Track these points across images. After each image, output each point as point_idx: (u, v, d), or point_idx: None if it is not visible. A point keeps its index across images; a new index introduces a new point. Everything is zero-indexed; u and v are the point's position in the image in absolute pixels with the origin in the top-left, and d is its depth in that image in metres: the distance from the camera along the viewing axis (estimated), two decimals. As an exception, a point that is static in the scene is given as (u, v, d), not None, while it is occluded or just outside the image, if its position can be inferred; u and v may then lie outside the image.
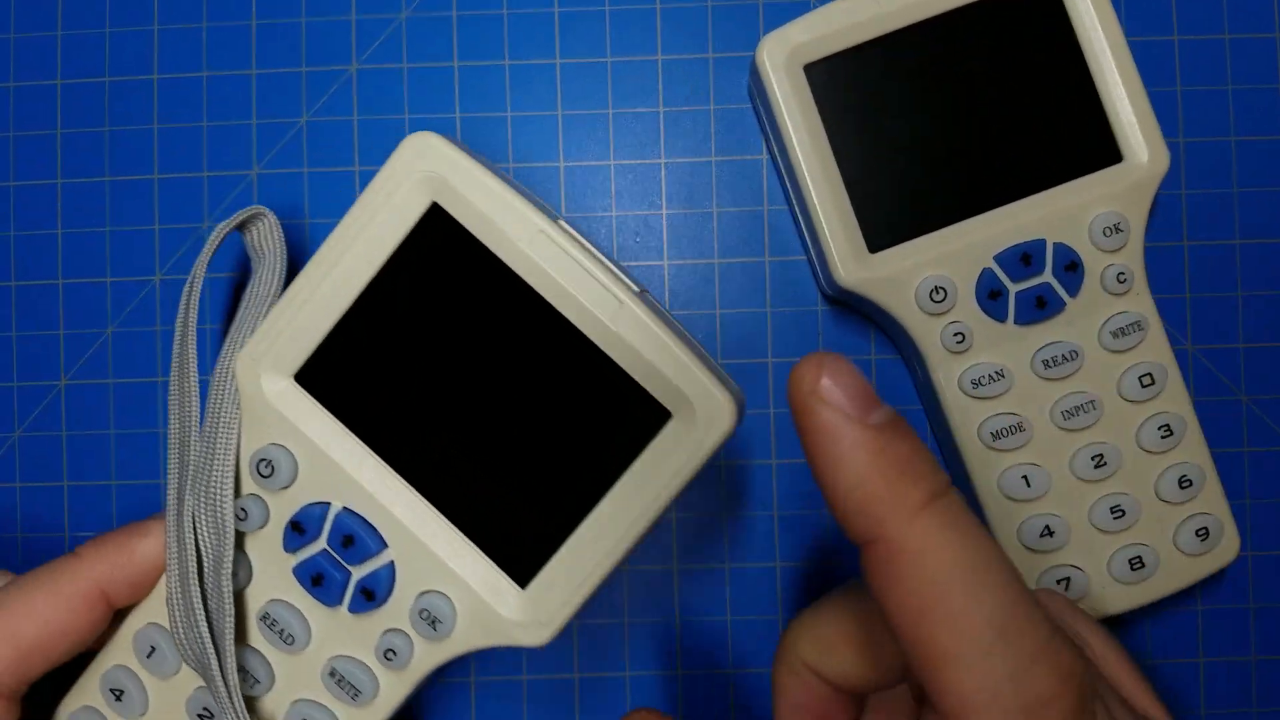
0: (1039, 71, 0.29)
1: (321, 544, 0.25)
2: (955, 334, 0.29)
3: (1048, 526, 0.30)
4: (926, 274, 0.29)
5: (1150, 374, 0.30)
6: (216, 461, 0.25)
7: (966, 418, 0.30)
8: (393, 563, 0.25)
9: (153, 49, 0.33)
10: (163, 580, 0.26)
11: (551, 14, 0.33)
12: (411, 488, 0.25)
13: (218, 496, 0.25)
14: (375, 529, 0.25)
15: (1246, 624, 0.33)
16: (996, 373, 0.30)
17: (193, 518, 0.25)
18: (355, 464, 0.25)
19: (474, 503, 0.25)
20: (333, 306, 0.25)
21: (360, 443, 0.25)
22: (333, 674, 0.26)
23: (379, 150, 0.33)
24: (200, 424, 0.26)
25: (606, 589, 0.33)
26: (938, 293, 0.29)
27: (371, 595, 0.25)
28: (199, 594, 0.25)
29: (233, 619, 0.25)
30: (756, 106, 0.32)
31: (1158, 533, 0.30)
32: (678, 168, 0.33)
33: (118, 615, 0.26)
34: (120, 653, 0.27)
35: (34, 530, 0.33)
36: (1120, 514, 0.30)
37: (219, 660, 0.25)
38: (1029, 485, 0.30)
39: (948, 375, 0.30)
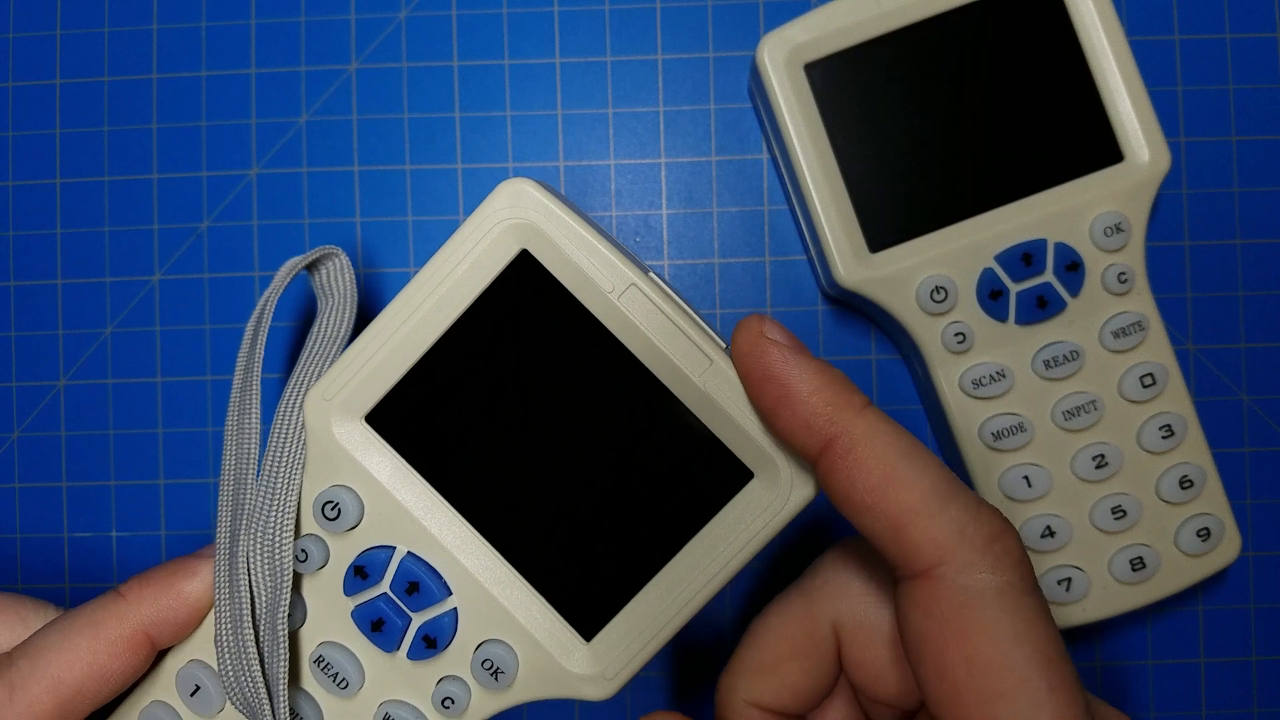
0: (1040, 71, 0.29)
1: (383, 588, 0.24)
2: (956, 334, 0.29)
3: (1049, 527, 0.30)
4: (927, 274, 0.29)
5: (1151, 374, 0.30)
6: (278, 501, 0.24)
7: (967, 418, 0.30)
8: (456, 610, 0.24)
9: (151, 48, 0.33)
10: (209, 618, 0.25)
11: (551, 13, 0.33)
12: (479, 535, 0.25)
13: (277, 537, 0.24)
14: (440, 575, 0.24)
15: (1247, 624, 0.33)
16: (997, 373, 0.30)
17: (247, 558, 0.24)
18: (423, 509, 0.24)
19: (543, 553, 0.24)
20: (412, 349, 0.24)
21: (429, 487, 0.25)
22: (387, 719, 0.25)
23: (378, 151, 0.33)
24: (259, 464, 0.25)
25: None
26: (938, 293, 0.29)
27: (434, 643, 0.24)
28: (252, 635, 0.24)
29: (287, 662, 0.24)
30: (757, 106, 0.32)
31: (1159, 533, 0.30)
32: (678, 167, 0.33)
33: (159, 654, 0.26)
34: (161, 690, 0.26)
35: (32, 531, 0.33)
36: (1121, 514, 0.30)
37: (271, 703, 0.24)
38: (1030, 485, 0.30)
39: (948, 375, 0.30)
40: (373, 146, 0.33)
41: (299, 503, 0.25)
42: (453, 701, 0.24)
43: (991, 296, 0.29)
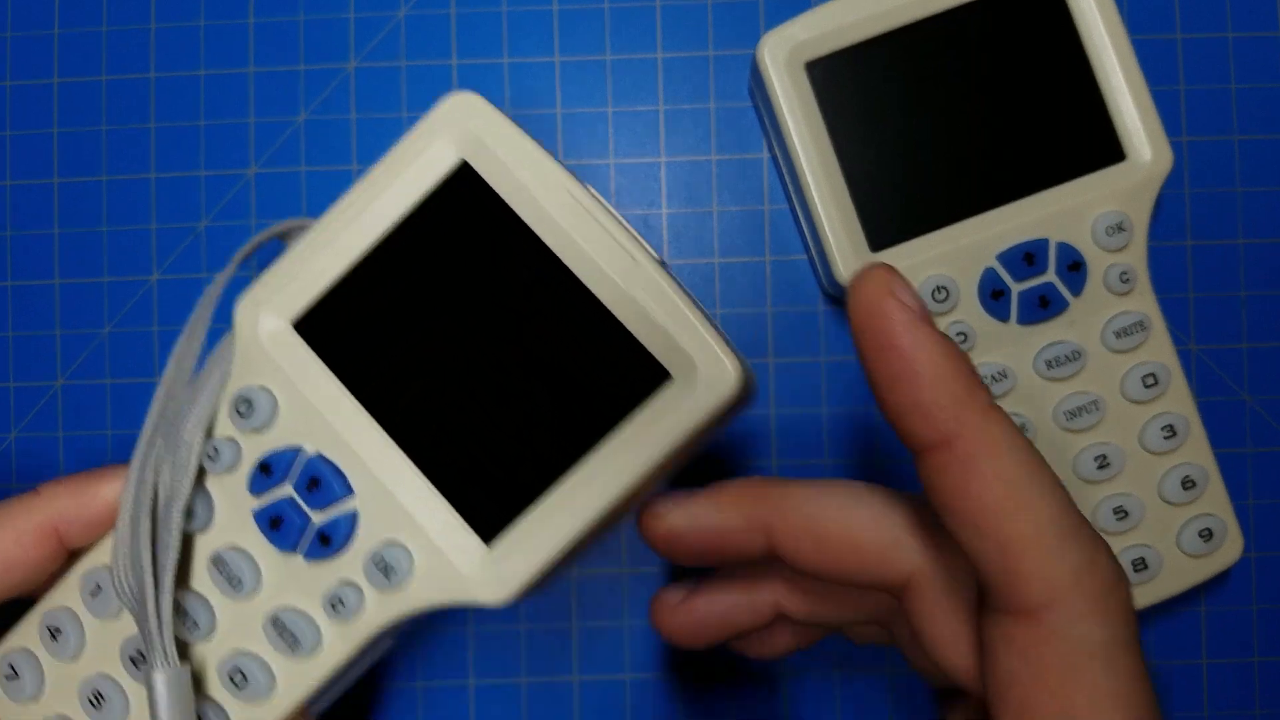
0: (1041, 69, 0.29)
1: (287, 488, 0.24)
2: (957, 333, 0.29)
3: None
4: (928, 273, 0.29)
5: (1153, 374, 0.29)
6: (197, 403, 0.25)
7: None
8: (356, 512, 0.24)
9: (149, 48, 0.33)
10: (118, 518, 0.25)
11: (550, 11, 0.33)
12: (389, 438, 0.24)
13: (185, 433, 0.24)
14: (344, 475, 0.24)
15: (1249, 625, 0.32)
16: (999, 373, 0.29)
17: (158, 458, 0.24)
18: (335, 412, 0.24)
19: (451, 455, 0.24)
20: (342, 257, 0.24)
21: (345, 390, 0.25)
22: (275, 622, 0.25)
23: (377, 150, 0.33)
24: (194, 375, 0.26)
25: (607, 591, 0.33)
26: (940, 292, 0.29)
27: (329, 541, 0.24)
28: (148, 529, 0.24)
29: (177, 554, 0.24)
30: (757, 105, 0.32)
31: (1160, 534, 0.30)
32: (678, 166, 0.33)
33: (72, 559, 0.26)
34: (64, 593, 0.26)
35: (30, 531, 0.33)
36: (1123, 515, 0.30)
37: (155, 594, 0.24)
38: None
39: None
40: (371, 145, 0.33)
41: (214, 406, 0.25)
42: (343, 603, 0.24)
43: (993, 296, 0.29)
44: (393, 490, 0.24)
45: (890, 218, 0.29)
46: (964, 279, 0.29)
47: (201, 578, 0.25)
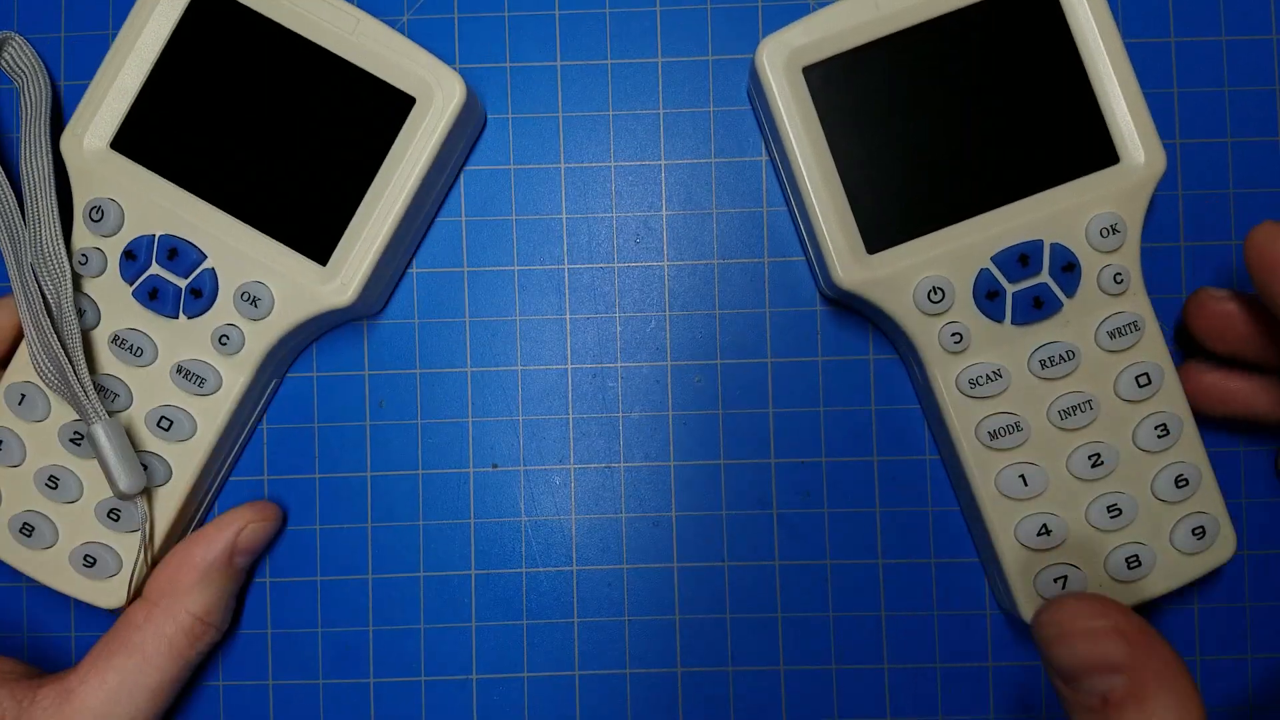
0: (1036, 73, 0.30)
1: (152, 264, 0.30)
2: (953, 334, 0.30)
3: (1045, 525, 0.30)
4: (924, 274, 0.29)
5: (1147, 374, 0.30)
6: (44, 224, 0.30)
7: (964, 417, 0.30)
8: (214, 268, 0.30)
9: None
10: (23, 344, 0.31)
11: (552, 16, 0.33)
12: (218, 209, 0.30)
13: (50, 242, 0.30)
14: (193, 244, 0.30)
15: (1243, 622, 0.33)
16: (994, 372, 0.30)
17: (32, 268, 0.30)
18: (170, 200, 0.30)
19: (271, 208, 0.30)
20: (132, 79, 0.30)
21: (170, 183, 0.30)
22: (179, 370, 0.31)
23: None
24: (23, 210, 0.31)
25: (608, 585, 0.33)
26: (936, 293, 0.29)
27: (199, 293, 0.30)
28: (49, 326, 0.29)
29: (79, 333, 0.30)
30: (756, 109, 0.32)
31: (1154, 532, 0.30)
32: (677, 169, 0.33)
33: None
34: None
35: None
36: (1117, 513, 0.30)
37: (73, 369, 0.29)
38: (1026, 484, 0.30)
39: (946, 375, 0.30)
40: (375, 148, 0.33)
41: (60, 223, 0.30)
42: (228, 339, 0.30)
43: (988, 297, 0.30)
44: (236, 245, 0.30)
45: (887, 220, 0.30)
46: (960, 280, 0.30)
47: (109, 360, 0.31)
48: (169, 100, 0.31)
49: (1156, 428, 0.30)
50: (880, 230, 0.29)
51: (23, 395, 0.31)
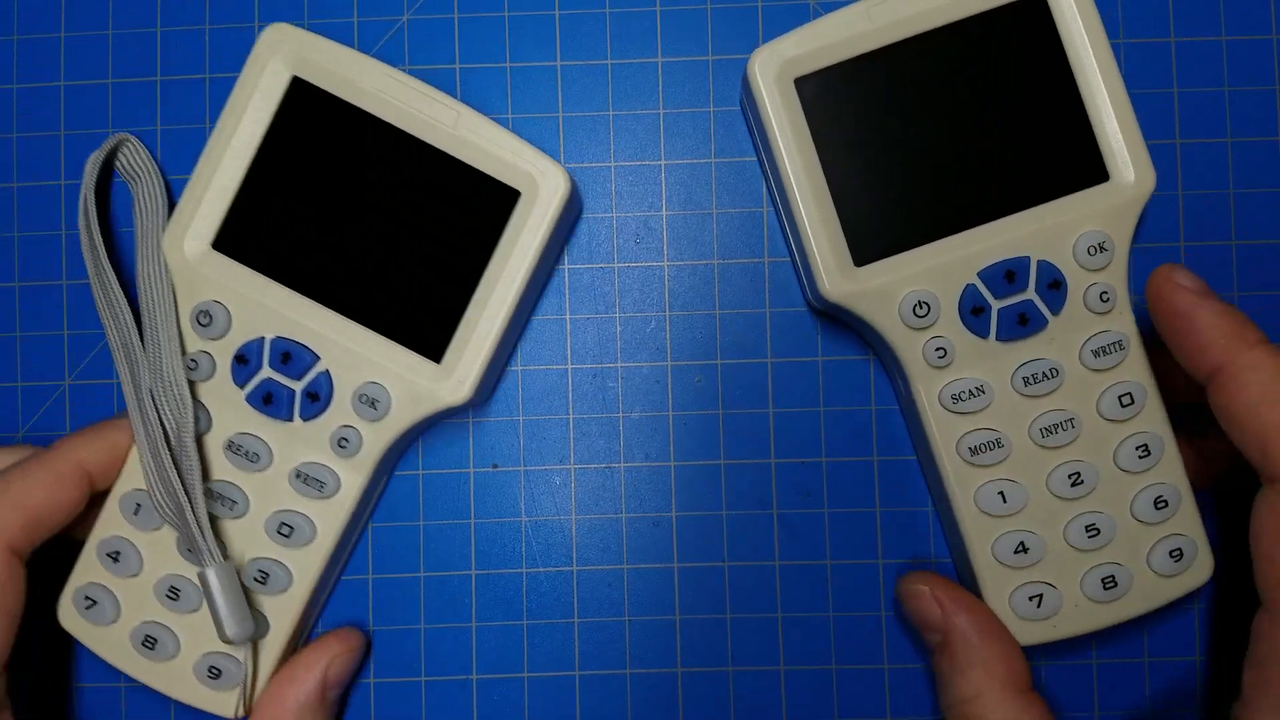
0: (1027, 89, 0.29)
1: (264, 369, 0.30)
2: (937, 349, 0.29)
3: (1022, 543, 0.30)
4: (910, 288, 0.29)
5: (1130, 393, 0.30)
6: (163, 345, 0.29)
7: (946, 432, 0.30)
8: (328, 370, 0.30)
9: (156, 52, 0.34)
10: (133, 453, 0.30)
11: (552, 16, 0.33)
12: (328, 309, 0.30)
13: (170, 369, 0.29)
14: (306, 346, 0.30)
15: (1244, 622, 0.33)
16: (977, 388, 0.30)
17: (151, 394, 0.29)
18: (276, 302, 0.30)
19: (382, 307, 0.30)
20: (229, 180, 0.30)
21: (276, 283, 0.30)
22: (298, 475, 0.30)
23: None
24: (140, 324, 0.30)
25: (608, 586, 0.33)
26: (921, 307, 0.29)
27: (316, 396, 0.30)
28: (167, 456, 0.29)
29: (200, 471, 0.29)
30: (747, 117, 0.32)
31: (1132, 553, 0.30)
32: (677, 169, 0.33)
33: (93, 503, 0.30)
34: (109, 523, 0.30)
35: (39, 529, 0.33)
36: (1095, 533, 0.30)
37: (191, 507, 0.29)
38: (1005, 501, 0.30)
39: (929, 389, 0.30)
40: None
41: (181, 343, 0.30)
42: (347, 441, 0.30)
43: (973, 313, 0.29)
44: (348, 345, 0.30)
45: (875, 232, 0.29)
46: (945, 295, 0.29)
47: (223, 466, 0.30)
48: (269, 198, 0.30)
49: (1138, 448, 0.30)
50: (868, 243, 0.29)
51: (138, 505, 0.30)
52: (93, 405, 0.33)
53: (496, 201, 0.30)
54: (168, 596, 0.30)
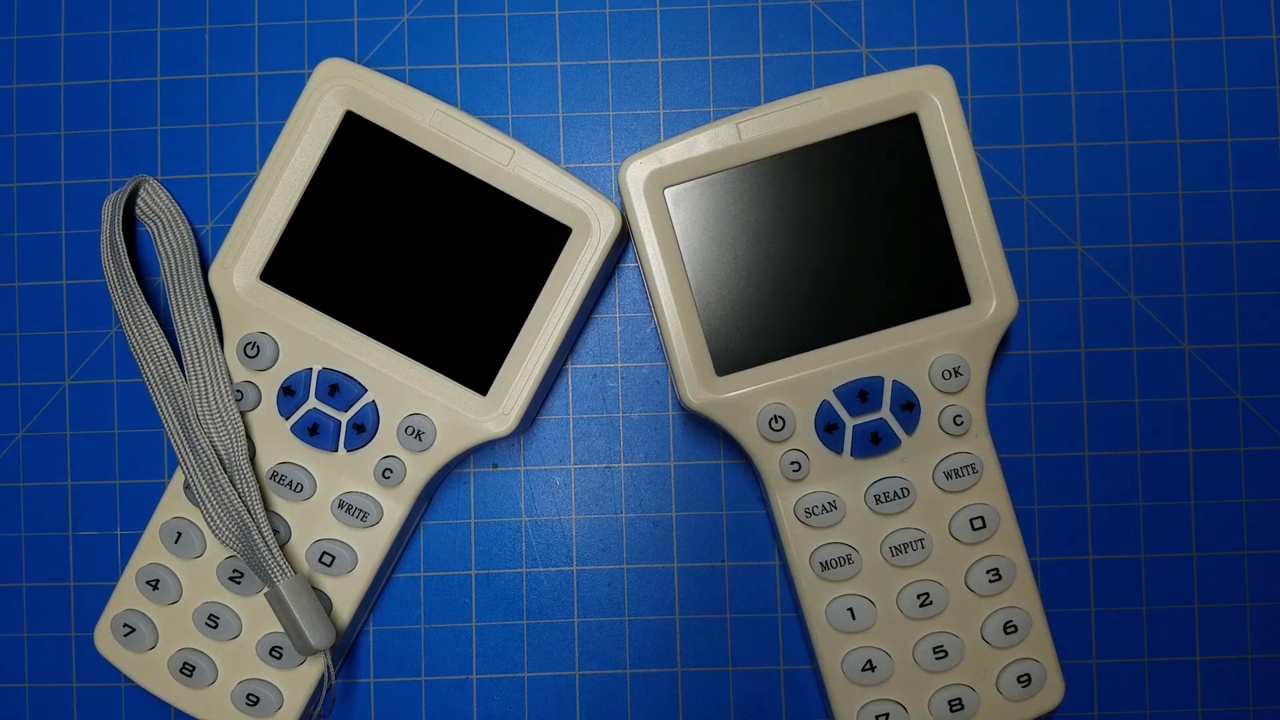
0: (894, 209, 0.29)
1: (311, 399, 0.30)
2: (792, 462, 0.29)
3: (870, 661, 0.30)
4: (768, 401, 0.29)
5: (982, 517, 0.30)
6: (210, 381, 0.30)
7: (800, 544, 0.30)
8: (374, 401, 0.30)
9: (155, 51, 0.34)
10: (173, 484, 0.31)
11: (552, 16, 0.33)
12: (376, 341, 0.30)
13: (218, 398, 0.30)
14: (353, 377, 0.30)
15: (1243, 622, 0.33)
16: (830, 503, 0.30)
17: (200, 425, 0.29)
18: (323, 333, 0.30)
19: (429, 339, 0.30)
20: (280, 211, 0.30)
21: (325, 315, 0.30)
22: (340, 505, 0.30)
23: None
24: (179, 360, 0.30)
25: (608, 586, 0.33)
26: (777, 421, 0.29)
27: (363, 428, 0.30)
28: (227, 481, 0.29)
29: (261, 496, 0.29)
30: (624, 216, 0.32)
31: (979, 675, 0.30)
32: (678, 169, 0.33)
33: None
34: (148, 551, 0.31)
35: (37, 529, 0.33)
36: (943, 654, 0.30)
37: (257, 528, 0.29)
38: (854, 618, 0.30)
39: (785, 501, 0.30)
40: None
41: (229, 380, 0.30)
42: (391, 472, 0.30)
43: (828, 429, 0.29)
44: (396, 378, 0.30)
45: (737, 344, 0.29)
46: (801, 410, 0.29)
47: (269, 497, 0.30)
48: (319, 230, 0.30)
49: (989, 571, 0.30)
50: (730, 353, 0.29)
51: (179, 533, 0.30)
52: (93, 405, 0.33)
53: (548, 237, 0.30)
54: (207, 624, 0.30)
